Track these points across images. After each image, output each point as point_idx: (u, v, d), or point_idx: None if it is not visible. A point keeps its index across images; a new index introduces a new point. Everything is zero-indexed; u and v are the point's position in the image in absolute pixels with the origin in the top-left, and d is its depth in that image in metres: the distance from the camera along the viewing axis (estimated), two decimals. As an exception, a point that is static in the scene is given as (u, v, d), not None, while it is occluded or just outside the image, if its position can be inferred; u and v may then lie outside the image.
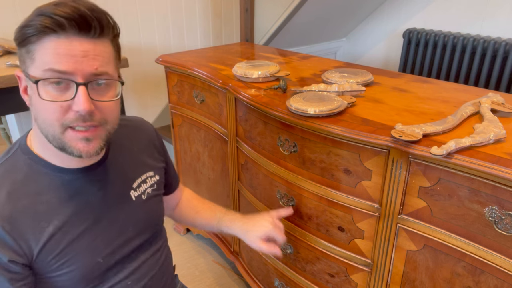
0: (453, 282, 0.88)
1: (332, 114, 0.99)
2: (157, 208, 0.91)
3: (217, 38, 2.56)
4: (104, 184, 0.77)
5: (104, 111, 0.67)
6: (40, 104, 0.64)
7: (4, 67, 1.35)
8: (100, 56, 0.65)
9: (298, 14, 2.27)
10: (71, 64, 0.62)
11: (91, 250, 0.74)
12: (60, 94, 0.64)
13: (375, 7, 2.71)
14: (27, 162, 0.71)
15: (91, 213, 0.74)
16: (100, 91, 0.67)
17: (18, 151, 0.73)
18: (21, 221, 0.66)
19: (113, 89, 0.69)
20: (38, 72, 0.63)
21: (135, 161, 0.86)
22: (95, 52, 0.64)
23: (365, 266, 1.05)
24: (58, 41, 0.62)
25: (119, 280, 0.79)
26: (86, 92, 0.63)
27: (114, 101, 0.69)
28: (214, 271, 1.80)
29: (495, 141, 0.81)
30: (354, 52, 3.00)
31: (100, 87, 0.67)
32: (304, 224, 1.17)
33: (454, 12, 2.35)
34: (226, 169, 1.52)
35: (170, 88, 1.71)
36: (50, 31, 0.61)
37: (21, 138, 0.75)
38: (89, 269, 0.73)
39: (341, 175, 1.00)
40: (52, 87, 0.63)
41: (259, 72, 1.27)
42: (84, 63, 0.63)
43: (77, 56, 0.62)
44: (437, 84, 1.24)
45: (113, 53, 0.69)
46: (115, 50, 0.70)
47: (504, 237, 0.76)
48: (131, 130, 0.89)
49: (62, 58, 0.62)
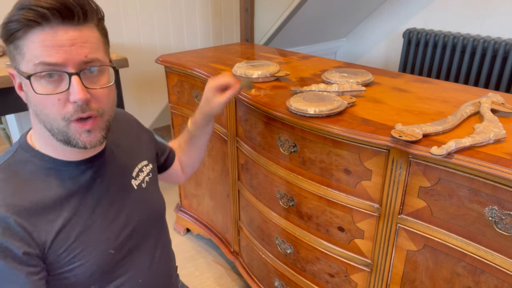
0: (453, 282, 0.88)
1: (332, 114, 0.99)
2: (158, 197, 0.92)
3: (217, 38, 2.56)
4: (107, 175, 0.78)
5: (99, 99, 0.67)
6: (37, 99, 0.64)
7: (4, 67, 1.35)
8: (88, 43, 0.64)
9: (298, 14, 2.27)
10: (61, 54, 0.61)
11: (103, 241, 0.74)
12: (55, 86, 0.63)
13: (375, 7, 2.71)
14: (30, 159, 0.71)
15: (98, 203, 0.75)
16: (93, 79, 0.66)
17: (20, 150, 0.72)
18: (31, 214, 0.66)
19: (106, 75, 0.68)
20: (29, 67, 0.62)
21: (130, 151, 0.87)
22: (82, 39, 0.63)
23: (365, 266, 1.04)
24: (43, 33, 0.61)
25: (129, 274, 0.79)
26: (79, 81, 0.63)
27: (108, 87, 0.68)
28: (214, 271, 1.80)
29: (495, 141, 0.81)
30: (354, 52, 3.00)
31: (93, 75, 0.66)
32: (304, 224, 1.17)
33: (454, 12, 2.35)
34: (226, 169, 1.52)
35: (170, 88, 1.71)
36: (34, 24, 0.60)
37: (21, 137, 0.75)
38: (102, 261, 0.73)
39: (341, 175, 1.00)
40: (45, 81, 0.63)
41: (259, 72, 1.27)
42: (73, 52, 0.62)
43: (65, 45, 0.62)
44: (437, 84, 1.24)
45: (101, 38, 0.68)
46: (102, 35, 0.69)
47: (504, 237, 0.76)
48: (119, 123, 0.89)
49: (50, 50, 0.61)
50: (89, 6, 0.64)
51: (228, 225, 1.66)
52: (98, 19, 0.68)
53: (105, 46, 0.70)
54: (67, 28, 0.62)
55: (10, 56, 0.66)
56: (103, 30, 0.69)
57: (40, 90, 0.63)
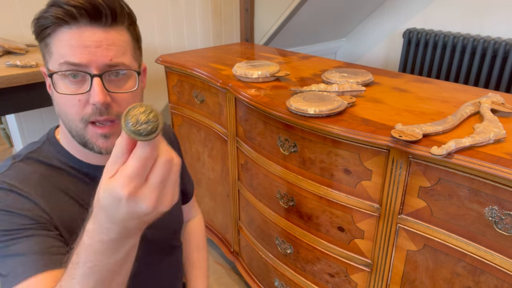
0: (453, 282, 0.88)
1: (332, 114, 0.99)
2: (176, 211, 0.89)
3: (217, 38, 2.56)
4: None
5: (121, 104, 0.65)
6: (59, 98, 0.64)
7: (4, 67, 1.35)
8: (115, 46, 0.62)
9: (298, 14, 2.27)
10: (85, 55, 0.60)
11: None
12: (77, 87, 0.62)
13: (375, 7, 2.71)
14: (55, 155, 0.71)
15: None
16: (117, 83, 0.64)
17: (47, 144, 0.72)
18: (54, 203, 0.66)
19: (132, 80, 0.66)
20: (55, 66, 0.62)
21: None
22: (109, 41, 0.62)
23: (365, 266, 1.04)
24: (70, 32, 0.60)
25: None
26: (101, 83, 0.61)
27: (131, 93, 0.66)
28: (214, 271, 1.80)
29: (495, 141, 0.81)
30: (354, 52, 3.00)
31: (118, 78, 0.64)
32: (304, 224, 1.17)
33: (454, 12, 2.34)
34: (226, 169, 1.52)
35: (170, 88, 1.71)
36: (63, 22, 0.60)
37: (50, 131, 0.75)
38: None
39: (341, 175, 1.00)
40: (69, 81, 0.62)
41: (259, 72, 1.27)
42: (98, 54, 0.61)
43: (90, 47, 0.60)
44: (437, 84, 1.24)
45: (130, 42, 0.66)
46: (132, 39, 0.66)
47: (504, 237, 0.76)
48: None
49: (75, 50, 0.60)
50: (119, 8, 0.63)
51: (228, 225, 1.66)
52: (129, 23, 0.66)
53: (135, 50, 0.68)
54: (95, 29, 0.61)
55: (42, 54, 0.66)
56: (134, 34, 0.67)
57: (62, 90, 0.63)
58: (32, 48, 1.61)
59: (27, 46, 1.58)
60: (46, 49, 0.63)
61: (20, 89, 1.34)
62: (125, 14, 0.64)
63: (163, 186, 0.44)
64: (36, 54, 1.53)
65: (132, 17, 0.67)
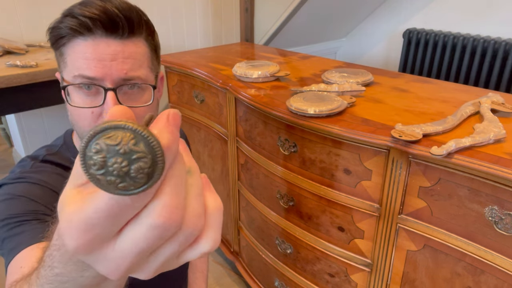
0: (453, 282, 0.88)
1: (332, 114, 0.99)
2: None
3: (217, 38, 2.56)
4: None
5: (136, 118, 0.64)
6: (72, 109, 0.63)
7: (4, 67, 1.35)
8: (131, 59, 0.61)
9: (298, 14, 2.27)
10: (99, 69, 0.59)
11: None
12: (91, 99, 0.61)
13: (375, 7, 2.71)
14: (72, 160, 0.71)
15: None
16: (131, 96, 0.63)
17: (64, 147, 0.73)
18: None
19: (147, 93, 0.64)
20: (70, 77, 0.61)
21: None
22: (125, 54, 0.60)
23: (365, 266, 1.04)
24: (85, 44, 0.59)
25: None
26: (114, 97, 0.60)
27: (147, 107, 0.64)
28: (214, 271, 1.80)
29: (495, 141, 0.81)
30: (354, 52, 3.00)
31: (133, 91, 0.63)
32: (304, 224, 1.17)
33: (454, 12, 2.34)
34: (226, 169, 1.52)
35: (170, 88, 1.71)
36: (77, 34, 0.58)
37: (66, 133, 0.75)
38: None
39: (341, 175, 1.00)
40: (83, 92, 0.61)
41: (259, 72, 1.27)
42: (113, 67, 0.59)
43: (105, 60, 0.59)
44: (437, 84, 1.24)
45: (148, 53, 0.64)
46: (150, 49, 0.65)
47: (504, 237, 0.76)
48: None
49: (90, 63, 0.59)
50: (137, 19, 0.60)
51: (228, 225, 1.66)
52: (148, 33, 0.64)
53: (152, 61, 0.66)
54: (110, 41, 0.59)
55: (56, 61, 0.65)
56: (152, 45, 0.66)
57: (76, 101, 0.61)
58: (32, 48, 1.61)
59: (27, 46, 1.58)
60: (61, 58, 0.62)
61: (20, 89, 1.34)
62: (143, 24, 0.62)
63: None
64: (36, 54, 1.53)
65: (150, 27, 0.65)
